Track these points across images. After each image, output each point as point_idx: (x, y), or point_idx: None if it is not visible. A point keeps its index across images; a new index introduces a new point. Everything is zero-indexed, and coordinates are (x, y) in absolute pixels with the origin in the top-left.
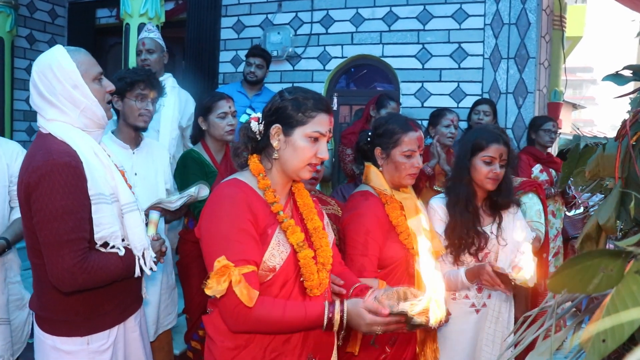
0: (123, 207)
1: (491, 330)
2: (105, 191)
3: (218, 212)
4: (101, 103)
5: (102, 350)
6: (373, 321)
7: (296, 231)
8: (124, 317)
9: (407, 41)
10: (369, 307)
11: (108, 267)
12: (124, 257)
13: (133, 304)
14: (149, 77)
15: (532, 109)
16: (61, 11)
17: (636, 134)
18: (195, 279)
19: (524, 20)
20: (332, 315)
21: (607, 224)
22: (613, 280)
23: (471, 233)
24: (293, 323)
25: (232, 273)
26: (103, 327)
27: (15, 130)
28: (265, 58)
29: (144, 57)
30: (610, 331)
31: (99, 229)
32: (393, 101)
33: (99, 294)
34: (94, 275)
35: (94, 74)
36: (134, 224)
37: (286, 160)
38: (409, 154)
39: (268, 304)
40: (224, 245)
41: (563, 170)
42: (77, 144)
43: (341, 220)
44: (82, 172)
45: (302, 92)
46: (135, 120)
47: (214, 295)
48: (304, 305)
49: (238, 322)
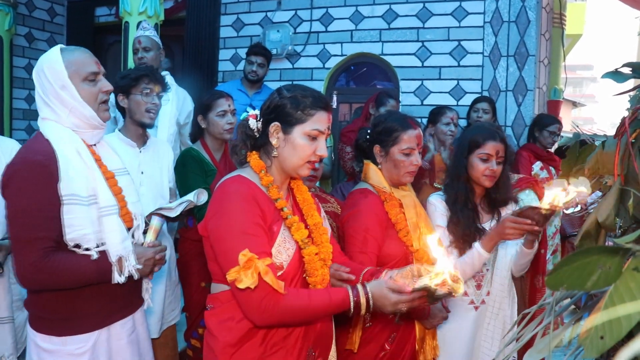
0: (101, 210)
1: (490, 326)
2: (82, 192)
3: (228, 207)
4: (91, 104)
5: (79, 354)
6: (398, 299)
7: (301, 228)
8: (106, 323)
9: (407, 39)
10: (391, 286)
11: (74, 269)
12: (98, 261)
13: (121, 310)
14: (152, 72)
15: (532, 106)
16: (60, 9)
17: (635, 131)
18: (195, 277)
19: (524, 18)
20: (357, 299)
21: (606, 222)
22: (611, 277)
23: (471, 230)
24: (319, 309)
25: (258, 265)
26: (81, 330)
27: (14, 129)
28: (267, 56)
29: (141, 55)
30: (609, 328)
31: (70, 230)
32: (392, 99)
33: (76, 296)
34: (56, 275)
35: (84, 74)
36: (110, 229)
37: (285, 158)
38: (408, 152)
39: (293, 293)
40: (242, 240)
41: (562, 167)
42: (60, 143)
43: (340, 218)
44: (53, 172)
45: (300, 90)
46: (142, 117)
47: (219, 291)
48: (327, 291)
49: (266, 314)
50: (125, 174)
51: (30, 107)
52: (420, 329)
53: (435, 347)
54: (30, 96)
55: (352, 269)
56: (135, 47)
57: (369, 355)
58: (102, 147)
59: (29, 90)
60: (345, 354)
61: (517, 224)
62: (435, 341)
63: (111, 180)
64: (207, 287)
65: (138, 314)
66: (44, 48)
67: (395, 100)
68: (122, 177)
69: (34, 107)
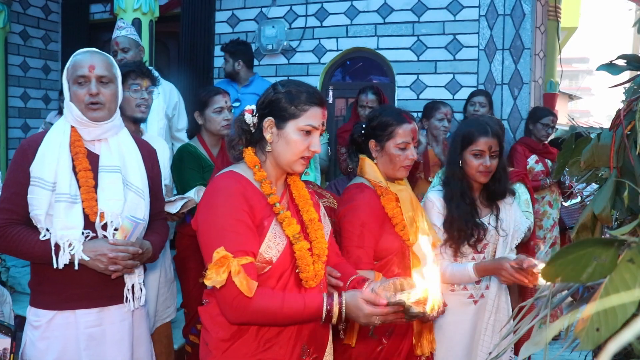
0: (55, 196)
1: (491, 320)
2: (47, 177)
3: (214, 203)
4: (78, 104)
5: (35, 326)
6: (371, 312)
7: (292, 223)
8: (65, 307)
9: (402, 33)
10: (366, 298)
11: (24, 243)
12: (46, 242)
13: (83, 299)
14: (139, 67)
15: (528, 100)
16: (55, 7)
17: (630, 123)
18: (192, 273)
19: (519, 11)
20: (330, 308)
21: (602, 214)
22: (606, 269)
23: (470, 225)
24: (291, 315)
25: (231, 264)
26: (39, 305)
27: (10, 127)
28: (231, 51)
29: (120, 57)
30: (604, 320)
31: (30, 208)
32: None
33: (40, 271)
34: (10, 243)
35: (74, 77)
36: (56, 214)
37: (279, 153)
38: (403, 146)
39: (267, 295)
40: (221, 236)
41: (558, 160)
42: (51, 133)
43: (337, 213)
44: (28, 155)
45: (295, 85)
46: (133, 112)
47: (212, 286)
48: (303, 297)
49: (237, 313)
50: (115, 172)
51: (26, 106)
52: (417, 323)
53: (432, 341)
54: (26, 94)
55: (342, 274)
56: (113, 49)
57: (366, 349)
58: (107, 144)
59: (24, 88)
60: (343, 348)
61: (514, 277)
62: (432, 335)
63: (83, 173)
64: (204, 283)
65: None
66: (38, 46)
67: (374, 94)
68: (110, 174)
69: (30, 105)
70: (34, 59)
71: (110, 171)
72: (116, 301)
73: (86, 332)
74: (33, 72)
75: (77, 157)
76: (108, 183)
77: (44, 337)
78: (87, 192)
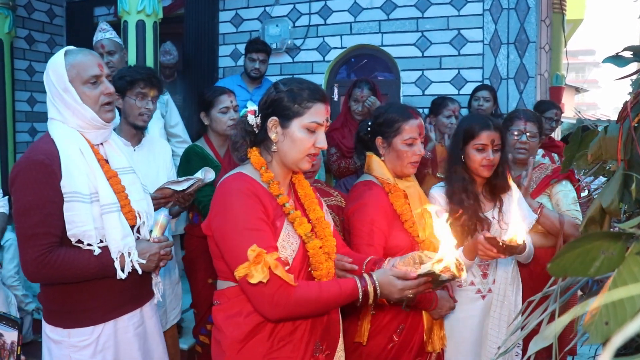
0: (102, 208)
1: (497, 314)
2: (83, 190)
3: (231, 205)
4: (93, 106)
5: (83, 346)
6: (404, 286)
7: (303, 222)
8: (112, 316)
9: (406, 29)
10: (397, 273)
11: (77, 264)
12: (100, 257)
13: (128, 303)
14: (149, 76)
15: (534, 93)
16: (59, 11)
17: (637, 115)
18: (201, 274)
19: (523, 4)
20: (365, 288)
21: (610, 207)
22: (614, 262)
23: (473, 220)
24: (330, 300)
25: (268, 259)
26: (85, 323)
27: (17, 131)
28: (267, 52)
29: (107, 60)
30: (613, 313)
31: (71, 226)
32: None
33: (81, 289)
34: (59, 269)
35: (85, 77)
36: (111, 225)
37: (285, 152)
38: (410, 142)
39: (304, 285)
40: (248, 235)
41: (565, 154)
42: (64, 142)
43: (345, 211)
44: (54, 170)
45: (297, 83)
46: (135, 119)
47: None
48: (337, 282)
49: (279, 308)
50: (130, 173)
51: (33, 110)
52: (428, 320)
53: (443, 337)
54: (32, 98)
55: (354, 259)
56: (98, 52)
57: (377, 346)
58: (109, 146)
59: (31, 92)
60: (354, 346)
61: (486, 248)
62: (443, 331)
63: (113, 179)
64: (214, 283)
65: (147, 307)
66: (44, 50)
67: (370, 89)
68: (127, 175)
69: (36, 110)
70: (40, 63)
71: (126, 172)
72: (149, 297)
73: (136, 332)
74: (39, 76)
75: (101, 163)
76: (129, 185)
77: (96, 352)
78: (123, 198)
